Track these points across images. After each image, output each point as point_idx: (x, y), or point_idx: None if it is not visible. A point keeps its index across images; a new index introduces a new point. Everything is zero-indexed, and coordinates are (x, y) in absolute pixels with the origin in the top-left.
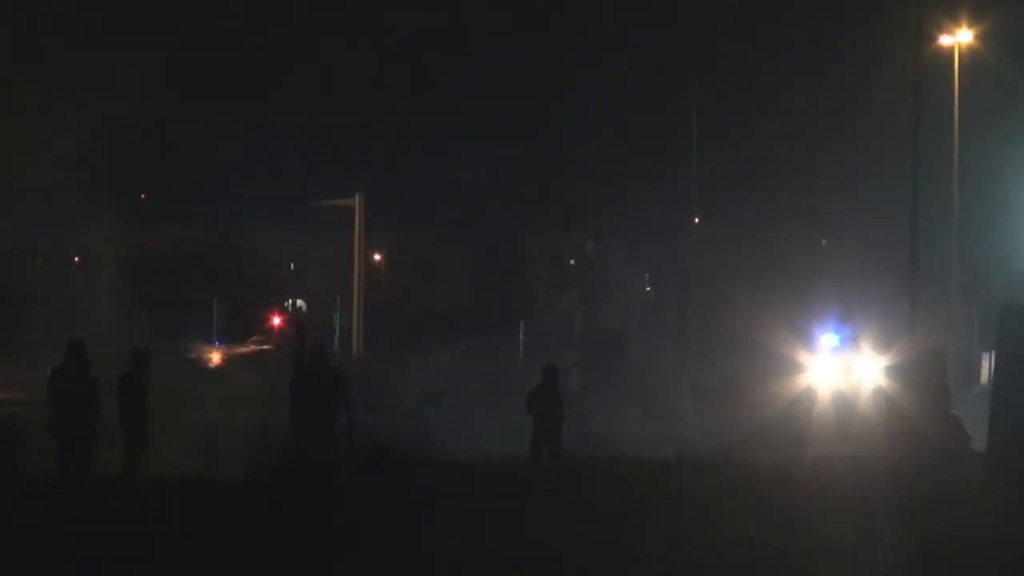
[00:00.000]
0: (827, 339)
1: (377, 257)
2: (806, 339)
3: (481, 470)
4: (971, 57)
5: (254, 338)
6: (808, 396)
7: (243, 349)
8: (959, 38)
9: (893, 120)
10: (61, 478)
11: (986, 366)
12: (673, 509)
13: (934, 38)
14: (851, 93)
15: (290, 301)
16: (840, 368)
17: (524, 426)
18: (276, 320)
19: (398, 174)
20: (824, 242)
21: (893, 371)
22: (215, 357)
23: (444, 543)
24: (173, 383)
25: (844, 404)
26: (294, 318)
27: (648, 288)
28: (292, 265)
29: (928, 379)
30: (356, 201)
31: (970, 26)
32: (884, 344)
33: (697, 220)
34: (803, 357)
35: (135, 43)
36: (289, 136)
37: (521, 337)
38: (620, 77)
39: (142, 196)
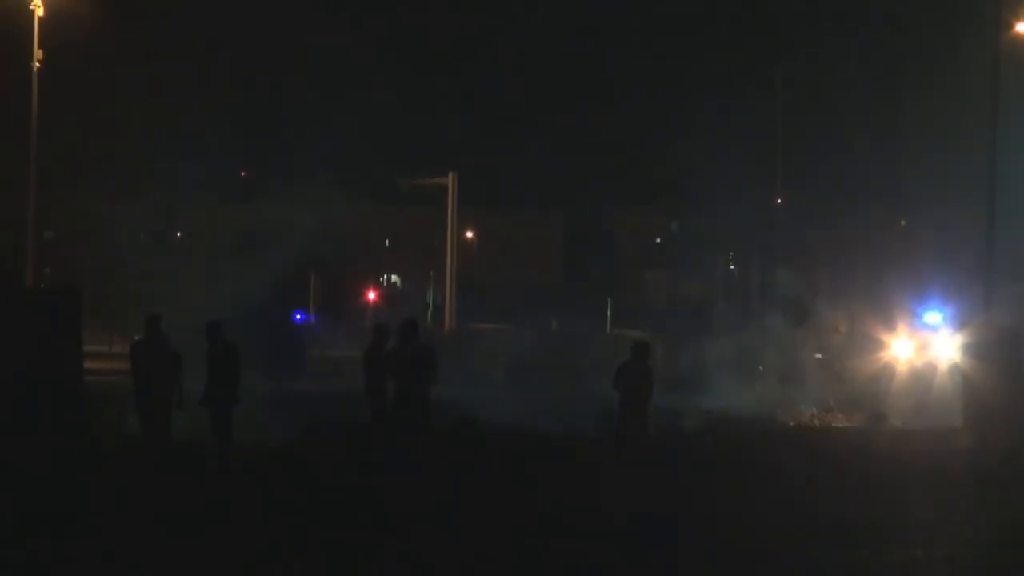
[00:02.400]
0: (931, 316)
1: (469, 234)
2: (885, 317)
3: (563, 443)
4: None
5: None
6: (887, 372)
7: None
8: None
9: (972, 103)
10: (144, 446)
11: None
12: (751, 481)
13: (1012, 25)
14: (932, 75)
15: (385, 277)
16: (918, 346)
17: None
18: (371, 295)
19: (491, 153)
20: (903, 222)
21: (969, 349)
22: None
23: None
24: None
25: (922, 381)
26: (389, 292)
27: (732, 267)
28: (387, 242)
29: (1004, 358)
30: (449, 179)
31: None
32: (961, 323)
33: (780, 200)
34: (883, 334)
35: (243, 20)
36: (385, 114)
37: (608, 313)
38: (705, 56)
39: (242, 173)
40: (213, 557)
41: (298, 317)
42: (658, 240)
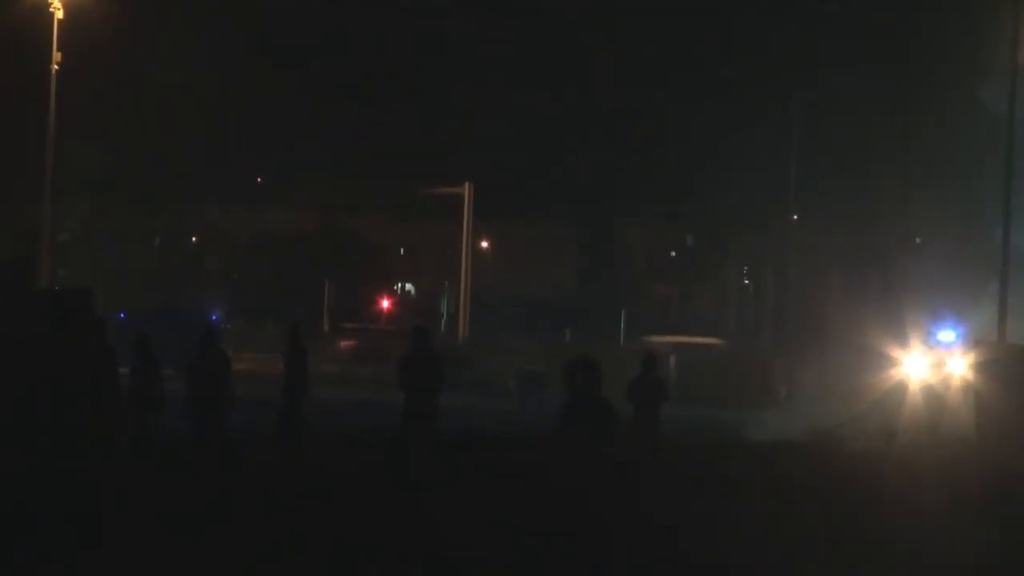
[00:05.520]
0: (944, 335)
1: (484, 244)
2: (898, 334)
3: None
4: None
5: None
6: (899, 390)
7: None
8: None
9: (989, 121)
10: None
11: None
12: (761, 494)
13: None
14: (949, 93)
15: (399, 285)
16: (931, 363)
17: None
18: (385, 303)
19: (506, 163)
20: (918, 240)
21: (982, 367)
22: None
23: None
24: None
25: (934, 398)
26: (402, 300)
27: (746, 281)
28: (402, 250)
29: (1016, 376)
30: (465, 189)
31: None
32: (974, 341)
33: (795, 216)
34: (895, 352)
35: (255, 26)
36: (401, 123)
37: (622, 326)
38: (721, 72)
39: (258, 180)
40: (213, 557)
41: (214, 317)
42: (673, 253)
